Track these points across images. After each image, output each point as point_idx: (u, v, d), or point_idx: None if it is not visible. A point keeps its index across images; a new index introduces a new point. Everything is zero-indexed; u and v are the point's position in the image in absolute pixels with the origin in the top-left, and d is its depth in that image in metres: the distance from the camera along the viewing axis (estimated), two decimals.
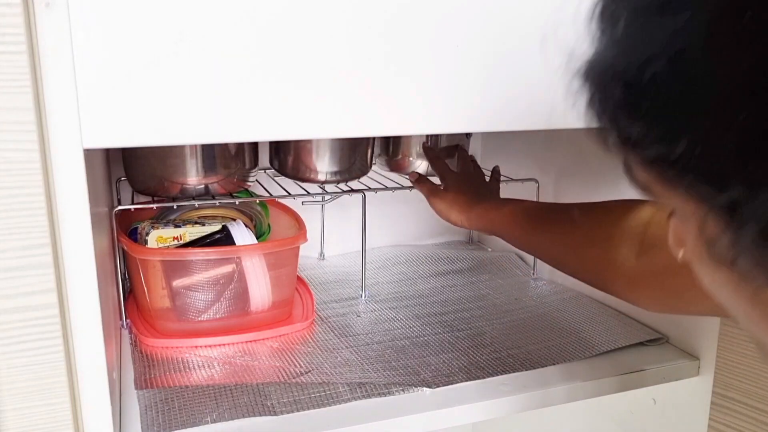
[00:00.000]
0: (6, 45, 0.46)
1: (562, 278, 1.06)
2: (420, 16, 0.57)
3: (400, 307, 0.97)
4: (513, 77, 0.62)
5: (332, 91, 0.56)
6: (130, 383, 0.74)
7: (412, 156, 1.07)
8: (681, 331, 0.84)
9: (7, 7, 0.45)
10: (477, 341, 0.85)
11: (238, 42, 0.52)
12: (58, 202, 0.51)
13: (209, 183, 0.90)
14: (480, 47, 0.60)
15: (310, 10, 0.54)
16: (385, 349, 0.83)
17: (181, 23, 0.51)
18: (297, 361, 0.80)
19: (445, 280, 1.09)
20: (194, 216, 0.96)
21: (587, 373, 0.78)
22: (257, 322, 0.86)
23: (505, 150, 1.20)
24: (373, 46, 0.56)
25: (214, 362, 0.79)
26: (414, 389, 0.73)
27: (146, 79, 0.51)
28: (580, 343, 0.84)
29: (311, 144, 0.95)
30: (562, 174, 1.05)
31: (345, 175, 0.98)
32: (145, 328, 0.85)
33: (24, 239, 0.49)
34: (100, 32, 0.49)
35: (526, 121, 0.64)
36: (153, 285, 0.84)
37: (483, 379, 0.76)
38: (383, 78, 0.57)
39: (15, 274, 0.49)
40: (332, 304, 0.98)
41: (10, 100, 0.46)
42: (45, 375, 0.52)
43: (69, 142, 0.50)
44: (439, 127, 0.61)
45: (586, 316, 0.93)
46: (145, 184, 0.91)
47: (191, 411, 0.68)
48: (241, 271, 0.84)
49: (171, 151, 0.88)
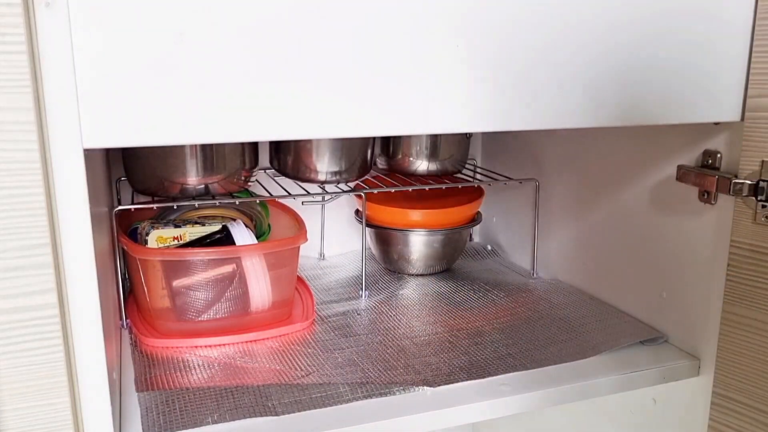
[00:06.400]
0: (6, 45, 0.46)
1: (562, 278, 1.06)
2: (419, 16, 0.57)
3: (401, 306, 0.97)
4: (513, 77, 0.62)
5: (332, 91, 0.56)
6: (130, 383, 0.74)
7: (412, 156, 1.07)
8: (681, 331, 0.84)
9: (7, 7, 0.45)
10: (477, 341, 0.85)
11: (238, 42, 0.52)
12: (58, 202, 0.51)
13: (209, 183, 0.90)
14: (480, 47, 0.60)
15: (310, 11, 0.54)
16: (386, 348, 0.83)
17: (181, 23, 0.51)
18: (297, 361, 0.80)
19: (446, 279, 1.09)
20: (194, 216, 0.96)
21: (587, 372, 0.78)
22: (257, 322, 0.86)
23: (505, 150, 1.20)
24: (373, 46, 0.56)
25: (214, 362, 0.79)
26: (415, 389, 0.73)
27: (146, 79, 0.51)
28: (580, 343, 0.84)
29: (311, 144, 0.95)
30: (562, 174, 1.05)
31: (345, 175, 0.98)
32: (145, 328, 0.85)
33: (24, 239, 0.49)
34: (100, 32, 0.49)
35: (527, 121, 0.64)
36: (153, 285, 0.84)
37: (483, 378, 0.76)
38: (383, 78, 0.57)
39: (15, 274, 0.49)
40: (332, 304, 0.98)
41: (10, 100, 0.46)
42: (45, 375, 0.52)
43: (69, 142, 0.50)
44: (439, 127, 0.61)
45: (586, 315, 0.93)
46: (145, 184, 0.91)
47: (192, 412, 0.68)
48: (241, 271, 0.84)
49: (171, 151, 0.88)
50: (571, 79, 0.64)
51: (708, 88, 0.70)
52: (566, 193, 1.04)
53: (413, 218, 1.07)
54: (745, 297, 0.73)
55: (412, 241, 1.07)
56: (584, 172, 1.00)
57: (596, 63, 0.65)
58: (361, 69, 0.56)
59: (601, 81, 0.65)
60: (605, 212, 0.96)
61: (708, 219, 0.79)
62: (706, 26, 0.68)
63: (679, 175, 0.80)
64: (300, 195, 0.97)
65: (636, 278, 0.91)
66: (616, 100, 0.66)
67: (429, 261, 1.09)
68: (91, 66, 0.49)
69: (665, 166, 0.84)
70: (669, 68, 0.68)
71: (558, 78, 0.63)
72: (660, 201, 0.86)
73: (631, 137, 0.90)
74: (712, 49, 0.69)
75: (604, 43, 0.64)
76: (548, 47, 0.62)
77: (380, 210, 1.07)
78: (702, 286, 0.80)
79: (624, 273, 0.93)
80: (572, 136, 1.02)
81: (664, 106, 0.69)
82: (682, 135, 0.81)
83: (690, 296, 0.82)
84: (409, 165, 1.08)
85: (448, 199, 1.11)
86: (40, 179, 0.48)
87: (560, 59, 0.63)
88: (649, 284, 0.89)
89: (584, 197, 1.00)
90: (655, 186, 0.86)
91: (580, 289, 1.02)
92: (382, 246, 1.10)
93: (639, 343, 0.85)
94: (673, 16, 0.67)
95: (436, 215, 1.07)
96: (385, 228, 1.08)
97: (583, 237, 1.01)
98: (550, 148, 1.07)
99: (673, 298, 0.85)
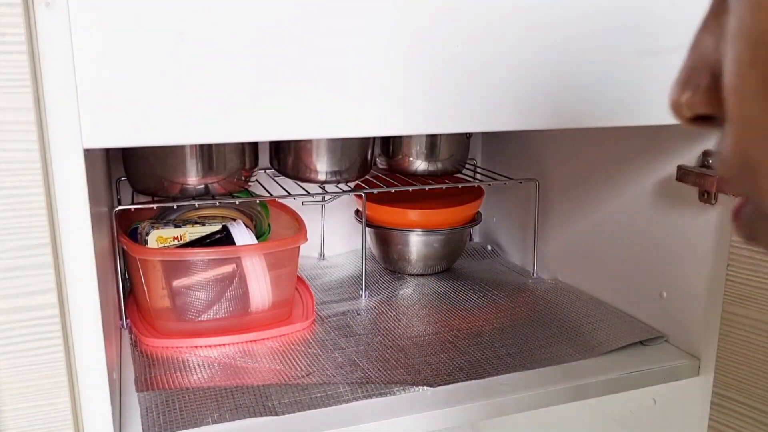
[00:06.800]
0: (6, 45, 0.46)
1: (562, 278, 1.06)
2: (419, 16, 0.57)
3: (401, 306, 0.97)
4: (513, 77, 0.62)
5: (332, 91, 0.56)
6: (130, 383, 0.74)
7: (412, 156, 1.07)
8: (681, 331, 0.84)
9: (7, 7, 0.45)
10: (477, 341, 0.85)
11: (238, 42, 0.52)
12: (58, 202, 0.51)
13: (209, 183, 0.90)
14: (478, 47, 0.60)
15: (310, 11, 0.54)
16: (386, 348, 0.83)
17: (181, 23, 0.51)
18: (297, 361, 0.80)
19: (446, 279, 1.09)
20: (194, 216, 0.96)
21: (587, 372, 0.78)
22: (257, 322, 0.86)
23: (505, 150, 1.20)
24: (373, 47, 0.56)
25: (214, 362, 0.79)
26: (415, 389, 0.73)
27: (146, 78, 0.51)
28: (580, 343, 0.84)
29: (311, 144, 0.95)
30: (562, 174, 1.05)
31: (345, 175, 0.98)
32: (145, 328, 0.85)
33: (24, 239, 0.49)
34: (100, 32, 0.49)
35: (527, 121, 0.64)
36: (153, 285, 0.84)
37: (483, 378, 0.76)
38: (383, 78, 0.57)
39: (15, 274, 0.49)
40: (332, 304, 0.98)
41: (10, 100, 0.46)
42: (45, 375, 0.52)
43: (69, 142, 0.50)
44: (439, 127, 0.61)
45: (586, 315, 0.93)
46: (145, 184, 0.91)
47: (192, 412, 0.68)
48: (241, 271, 0.84)
49: (171, 151, 0.88)
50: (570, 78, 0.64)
51: None
52: (566, 193, 1.04)
53: (413, 218, 1.07)
54: (745, 297, 0.73)
55: (412, 241, 1.07)
56: (584, 172, 1.00)
57: (595, 62, 0.65)
58: (361, 69, 0.56)
59: (602, 81, 0.65)
60: (605, 212, 0.96)
61: (708, 219, 0.79)
62: None
63: (679, 175, 0.80)
64: (300, 195, 0.97)
65: (636, 278, 0.91)
66: (616, 101, 0.66)
67: (429, 261, 1.09)
68: (91, 66, 0.49)
69: (665, 166, 0.84)
70: (669, 68, 0.68)
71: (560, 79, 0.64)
72: (660, 201, 0.86)
73: (631, 137, 0.90)
74: None
75: (600, 41, 0.64)
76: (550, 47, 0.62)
77: (380, 210, 1.07)
78: (702, 286, 0.80)
79: (624, 273, 0.93)
80: (572, 137, 1.02)
81: (664, 106, 0.69)
82: (682, 135, 0.81)
83: (690, 296, 0.82)
84: (409, 165, 1.08)
85: (448, 199, 1.11)
86: (40, 179, 0.48)
87: (560, 58, 0.63)
88: (649, 284, 0.89)
89: (584, 197, 1.00)
90: (655, 186, 0.86)
91: (580, 289, 1.02)
92: (382, 246, 1.10)
93: (639, 343, 0.85)
94: (671, 15, 0.67)
95: (436, 215, 1.07)
96: (385, 228, 1.08)
97: (583, 237, 1.01)
98: (550, 148, 1.07)
99: (673, 298, 0.85)
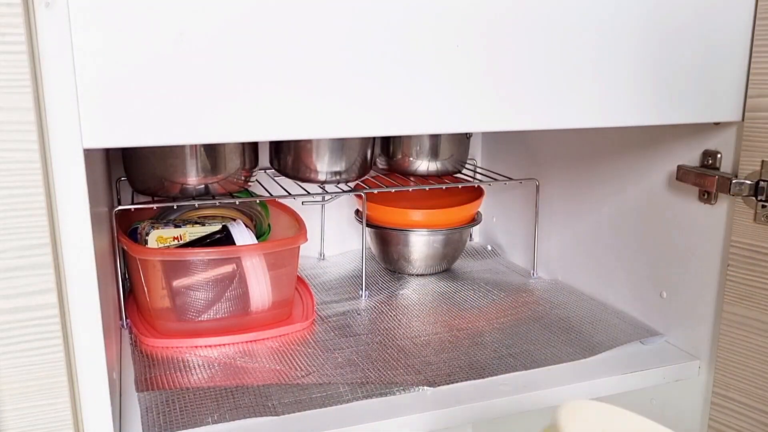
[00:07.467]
0: (6, 45, 0.46)
1: (562, 278, 1.06)
2: (419, 16, 0.57)
3: (401, 306, 0.97)
4: (513, 77, 0.62)
5: (332, 91, 0.56)
6: (130, 383, 0.74)
7: (412, 156, 1.07)
8: (681, 331, 0.84)
9: (7, 7, 0.45)
10: (477, 341, 0.85)
11: (238, 42, 0.52)
12: (58, 202, 0.51)
13: (209, 183, 0.90)
14: (480, 46, 0.60)
15: (310, 11, 0.54)
16: (386, 348, 0.83)
17: (180, 23, 0.51)
18: (297, 361, 0.80)
19: (446, 279, 1.09)
20: (194, 216, 0.96)
21: (587, 372, 0.78)
22: (257, 322, 0.86)
23: (505, 150, 1.20)
24: (373, 47, 0.56)
25: (214, 362, 0.79)
26: (415, 389, 0.73)
27: (146, 78, 0.51)
28: (580, 343, 0.85)
29: (311, 144, 0.95)
30: (562, 174, 1.05)
31: (345, 175, 0.98)
32: (145, 328, 0.85)
33: (24, 239, 0.49)
34: (100, 32, 0.49)
35: (528, 121, 0.64)
36: (153, 285, 0.84)
37: (483, 378, 0.76)
38: (383, 78, 0.57)
39: (15, 274, 0.49)
40: (332, 304, 0.98)
41: (10, 100, 0.46)
42: (45, 375, 0.52)
43: (69, 142, 0.50)
44: (439, 127, 0.61)
45: (586, 315, 0.93)
46: (145, 184, 0.91)
47: (192, 412, 0.68)
48: (241, 271, 0.84)
49: (171, 151, 0.88)
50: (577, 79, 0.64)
51: (708, 88, 0.70)
52: (566, 193, 1.04)
53: (413, 218, 1.07)
54: (745, 297, 0.73)
55: (412, 241, 1.07)
56: (584, 172, 1.00)
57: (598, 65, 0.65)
58: (360, 69, 0.56)
59: (602, 81, 0.65)
60: (605, 212, 0.96)
61: (708, 219, 0.79)
62: (706, 26, 0.68)
63: (679, 175, 0.80)
64: (300, 195, 0.97)
65: (636, 278, 0.91)
66: (616, 101, 0.66)
67: (429, 261, 1.09)
68: (91, 66, 0.49)
69: (665, 166, 0.84)
70: (669, 68, 0.68)
71: (560, 80, 0.64)
72: (660, 201, 0.86)
73: (631, 137, 0.90)
74: (712, 49, 0.69)
75: (605, 44, 0.64)
76: (552, 48, 0.62)
77: (380, 210, 1.07)
78: (702, 286, 0.80)
79: (624, 273, 0.93)
80: (572, 137, 1.02)
81: (664, 106, 0.69)
82: (682, 135, 0.81)
83: (690, 296, 0.82)
84: (409, 165, 1.08)
85: (448, 199, 1.11)
86: (40, 179, 0.48)
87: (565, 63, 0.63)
88: (648, 284, 0.89)
89: (584, 197, 1.00)
90: (655, 186, 0.86)
91: (580, 289, 1.02)
92: (382, 246, 1.10)
93: (639, 343, 0.85)
94: (673, 16, 0.67)
95: (437, 215, 1.07)
96: (385, 228, 1.08)
97: (583, 237, 1.01)
98: (550, 148, 1.07)
99: (673, 298, 0.85)
